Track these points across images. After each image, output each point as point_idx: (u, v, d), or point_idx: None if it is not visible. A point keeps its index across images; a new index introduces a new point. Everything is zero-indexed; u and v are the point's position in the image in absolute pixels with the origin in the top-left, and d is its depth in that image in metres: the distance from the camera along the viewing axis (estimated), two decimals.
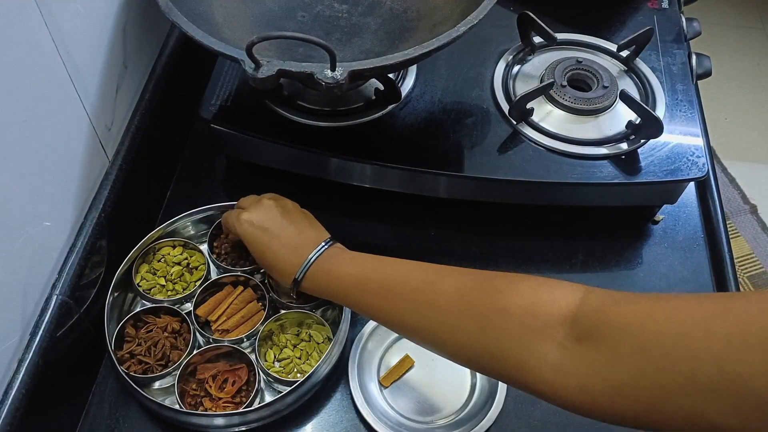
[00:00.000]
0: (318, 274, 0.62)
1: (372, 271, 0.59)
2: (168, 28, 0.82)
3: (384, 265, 0.60)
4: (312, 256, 0.63)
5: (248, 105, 0.78)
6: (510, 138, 0.77)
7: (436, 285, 0.54)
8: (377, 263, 0.60)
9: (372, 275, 0.59)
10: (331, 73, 0.58)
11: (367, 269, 0.60)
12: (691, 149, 0.76)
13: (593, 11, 0.91)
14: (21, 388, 0.57)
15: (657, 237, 0.82)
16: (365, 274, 0.60)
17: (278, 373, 0.67)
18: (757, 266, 1.77)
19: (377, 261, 0.61)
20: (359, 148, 0.75)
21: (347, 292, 0.60)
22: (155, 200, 0.83)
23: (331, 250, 0.64)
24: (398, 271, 0.58)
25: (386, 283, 0.57)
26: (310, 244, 0.64)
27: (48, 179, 0.61)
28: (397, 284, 0.57)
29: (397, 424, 0.66)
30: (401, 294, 0.56)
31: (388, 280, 0.58)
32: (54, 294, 0.62)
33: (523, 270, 0.79)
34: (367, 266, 0.60)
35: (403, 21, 0.77)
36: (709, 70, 0.86)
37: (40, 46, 0.57)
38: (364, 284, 0.59)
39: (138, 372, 0.67)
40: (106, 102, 0.69)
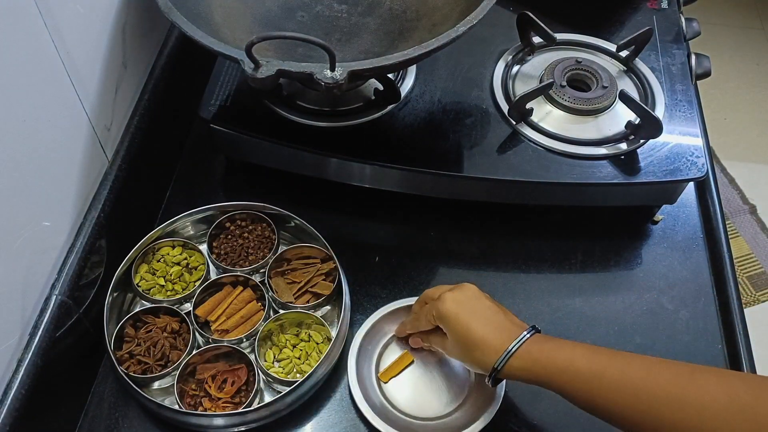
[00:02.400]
0: (532, 356, 0.57)
1: (607, 363, 0.54)
2: (167, 28, 0.82)
3: (615, 356, 0.55)
4: (524, 335, 0.58)
5: (248, 105, 0.78)
6: (509, 138, 0.77)
7: (692, 383, 0.50)
8: (607, 353, 0.55)
9: (608, 369, 0.54)
10: (330, 74, 0.58)
11: (601, 361, 0.55)
12: (691, 149, 0.76)
13: (593, 11, 0.91)
14: (20, 388, 0.57)
15: (656, 237, 0.82)
16: (597, 366, 0.54)
17: (278, 373, 0.67)
18: (756, 266, 1.77)
19: (606, 351, 0.56)
20: (359, 148, 0.75)
21: (574, 384, 0.55)
22: (154, 200, 0.83)
23: (544, 335, 0.60)
24: (639, 364, 0.53)
25: (628, 376, 0.53)
26: (519, 325, 0.60)
27: (47, 179, 0.60)
28: (643, 380, 0.52)
29: (396, 421, 0.66)
30: (651, 390, 0.51)
31: (630, 370, 0.53)
32: (53, 294, 0.62)
33: (523, 270, 0.79)
34: (596, 358, 0.55)
35: (402, 21, 0.77)
36: (709, 70, 0.86)
37: (40, 46, 0.57)
38: (596, 377, 0.54)
39: (137, 372, 0.67)
40: (106, 102, 0.69)
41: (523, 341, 0.57)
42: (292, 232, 0.78)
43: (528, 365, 0.57)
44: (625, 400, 0.52)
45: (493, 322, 0.60)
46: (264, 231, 0.76)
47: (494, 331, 0.59)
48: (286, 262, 0.75)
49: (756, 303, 1.71)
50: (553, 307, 0.76)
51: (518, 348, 0.57)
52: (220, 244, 0.76)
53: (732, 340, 0.74)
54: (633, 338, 0.74)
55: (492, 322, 0.60)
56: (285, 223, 0.77)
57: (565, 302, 0.77)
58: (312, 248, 0.74)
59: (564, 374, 0.55)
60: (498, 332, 0.59)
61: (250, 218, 0.77)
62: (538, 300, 0.77)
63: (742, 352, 0.72)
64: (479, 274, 0.79)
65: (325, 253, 0.73)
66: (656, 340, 0.74)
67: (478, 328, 0.59)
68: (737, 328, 0.74)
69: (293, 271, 0.74)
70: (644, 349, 0.73)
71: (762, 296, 1.72)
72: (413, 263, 0.79)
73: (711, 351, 0.73)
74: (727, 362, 0.72)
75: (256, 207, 0.76)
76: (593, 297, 0.77)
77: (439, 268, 0.79)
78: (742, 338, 0.73)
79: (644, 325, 0.75)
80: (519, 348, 0.57)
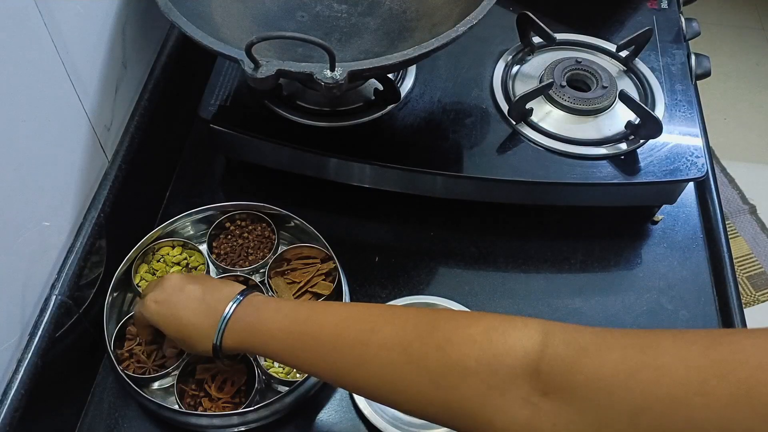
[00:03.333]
0: (240, 332, 0.56)
1: (303, 323, 0.53)
2: (167, 28, 0.82)
3: (314, 313, 0.54)
4: (227, 313, 0.56)
5: (247, 105, 0.78)
6: (509, 138, 0.77)
7: (374, 338, 0.48)
8: (307, 312, 0.54)
9: (304, 328, 0.53)
10: (330, 74, 0.58)
11: (298, 321, 0.53)
12: (690, 149, 0.76)
13: (592, 11, 0.91)
14: (20, 388, 0.57)
15: (656, 237, 0.82)
16: (296, 326, 0.53)
17: (277, 373, 0.67)
18: (756, 266, 1.77)
19: (307, 309, 0.55)
20: (358, 148, 0.75)
21: (278, 348, 0.54)
22: (154, 200, 0.83)
23: (251, 300, 0.57)
24: (331, 321, 0.52)
25: (321, 337, 0.51)
26: (223, 300, 0.57)
27: (47, 179, 0.60)
28: (333, 338, 0.50)
29: (394, 418, 0.66)
30: (340, 349, 0.50)
31: (322, 332, 0.51)
32: (53, 294, 0.62)
33: (523, 270, 0.79)
34: (297, 317, 0.54)
35: (402, 21, 0.77)
36: (708, 70, 0.86)
37: (40, 46, 0.57)
38: (296, 339, 0.53)
39: (137, 372, 0.67)
40: (106, 102, 0.69)
41: (226, 320, 0.56)
42: (291, 232, 0.78)
43: (243, 338, 0.56)
44: (327, 360, 0.51)
45: (200, 308, 0.58)
46: (264, 231, 0.76)
47: (202, 316, 0.57)
48: (286, 262, 0.75)
49: (756, 303, 1.71)
50: (553, 307, 0.76)
51: (225, 327, 0.56)
52: (220, 244, 0.76)
53: None
54: None
55: (198, 309, 0.58)
56: (285, 223, 0.77)
57: (565, 302, 0.77)
58: (312, 248, 0.74)
59: (273, 340, 0.54)
60: (205, 316, 0.57)
61: (250, 218, 0.77)
62: (538, 300, 0.77)
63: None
64: (479, 274, 0.79)
65: (325, 253, 0.73)
66: None
67: (187, 319, 0.58)
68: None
69: (293, 271, 0.74)
70: None
71: (762, 296, 1.72)
72: (413, 263, 0.79)
73: None
74: None
75: (256, 207, 0.76)
76: (593, 297, 0.77)
77: (439, 268, 0.79)
78: None
79: (644, 325, 0.75)
80: (227, 326, 0.56)
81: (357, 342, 0.49)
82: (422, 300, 0.73)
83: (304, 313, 0.54)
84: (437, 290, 0.76)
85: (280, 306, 0.56)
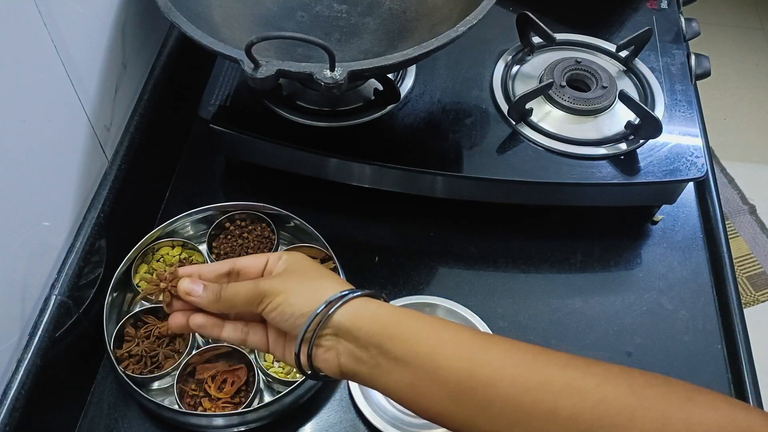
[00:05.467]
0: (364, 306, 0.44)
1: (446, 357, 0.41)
2: (167, 28, 0.82)
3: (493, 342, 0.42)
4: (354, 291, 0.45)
5: (247, 105, 0.78)
6: (509, 138, 0.77)
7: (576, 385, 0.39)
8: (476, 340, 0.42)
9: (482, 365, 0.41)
10: (330, 74, 0.58)
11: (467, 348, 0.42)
12: (690, 149, 0.76)
13: (592, 11, 0.91)
14: (20, 388, 0.57)
15: (656, 237, 0.82)
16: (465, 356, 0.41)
17: (277, 373, 0.67)
18: (756, 266, 1.77)
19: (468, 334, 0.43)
20: (358, 148, 0.75)
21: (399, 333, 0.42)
22: (154, 200, 0.83)
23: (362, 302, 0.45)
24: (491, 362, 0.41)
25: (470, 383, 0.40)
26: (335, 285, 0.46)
27: (47, 179, 0.60)
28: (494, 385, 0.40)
29: (394, 418, 0.66)
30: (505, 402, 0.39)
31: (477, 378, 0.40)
32: (53, 294, 0.62)
33: (523, 270, 0.79)
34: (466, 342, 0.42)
35: (402, 21, 0.77)
36: (708, 70, 0.86)
37: (39, 46, 0.57)
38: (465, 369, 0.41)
39: (137, 372, 0.67)
40: (105, 102, 0.69)
41: (373, 292, 0.46)
42: (291, 232, 0.78)
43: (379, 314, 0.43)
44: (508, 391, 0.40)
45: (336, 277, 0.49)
46: (264, 231, 0.76)
47: (343, 281, 0.48)
48: None
49: (756, 303, 1.71)
50: (552, 307, 0.76)
51: (369, 293, 0.45)
52: (220, 244, 0.76)
53: (731, 340, 0.74)
54: (633, 338, 0.74)
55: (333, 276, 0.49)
56: (285, 223, 0.77)
57: (564, 302, 0.77)
58: (312, 248, 0.74)
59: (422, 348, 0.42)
60: (346, 283, 0.47)
61: (250, 218, 0.77)
62: (538, 300, 0.77)
63: (742, 352, 0.72)
64: (479, 274, 0.79)
65: (325, 253, 0.73)
66: (656, 340, 0.74)
67: (328, 271, 0.49)
68: (737, 328, 0.74)
69: None
70: (644, 348, 0.73)
71: (761, 296, 1.72)
72: (413, 263, 0.79)
73: (710, 351, 0.73)
74: (727, 362, 0.73)
75: (256, 207, 0.76)
76: (593, 297, 0.77)
77: (439, 268, 0.79)
78: (742, 338, 0.73)
79: (644, 325, 0.75)
80: (369, 293, 0.45)
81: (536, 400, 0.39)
82: (422, 300, 0.73)
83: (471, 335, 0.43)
84: (437, 290, 0.76)
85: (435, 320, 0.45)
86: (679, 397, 0.38)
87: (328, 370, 0.44)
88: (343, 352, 0.43)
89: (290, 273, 0.47)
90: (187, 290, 0.46)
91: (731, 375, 0.72)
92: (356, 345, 0.43)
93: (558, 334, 0.74)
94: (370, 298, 0.45)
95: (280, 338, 0.48)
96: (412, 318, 0.43)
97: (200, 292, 0.46)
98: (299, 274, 0.47)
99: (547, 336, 0.74)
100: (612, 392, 0.39)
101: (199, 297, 0.46)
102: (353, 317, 0.43)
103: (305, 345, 0.43)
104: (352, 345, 0.43)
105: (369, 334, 0.42)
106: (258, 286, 0.45)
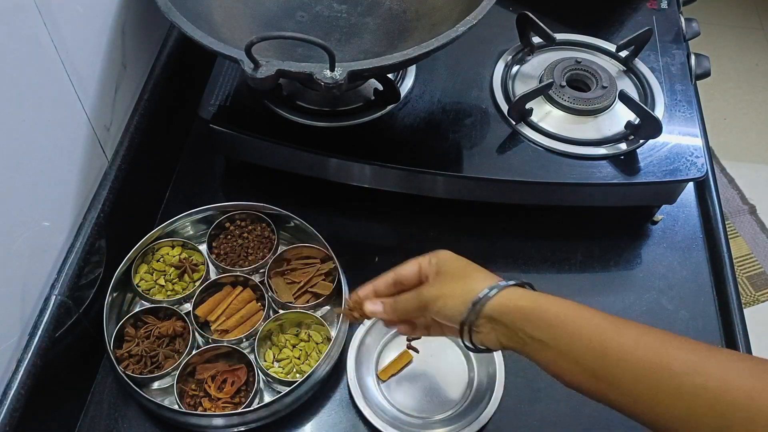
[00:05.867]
0: (517, 298, 0.51)
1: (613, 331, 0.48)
2: (167, 28, 0.82)
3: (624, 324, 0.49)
4: (510, 282, 0.53)
5: (247, 105, 0.78)
6: (509, 138, 0.77)
7: (717, 358, 0.44)
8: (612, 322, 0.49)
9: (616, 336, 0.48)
10: (330, 74, 0.58)
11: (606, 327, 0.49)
12: (690, 149, 0.76)
13: (592, 11, 0.91)
14: (20, 388, 0.57)
15: (656, 237, 0.82)
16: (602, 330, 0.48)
17: (277, 373, 0.67)
18: (756, 266, 1.77)
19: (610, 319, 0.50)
20: (358, 148, 0.75)
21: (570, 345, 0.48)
22: (154, 200, 0.83)
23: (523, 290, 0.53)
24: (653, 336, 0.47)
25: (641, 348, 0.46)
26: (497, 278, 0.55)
27: (47, 179, 0.60)
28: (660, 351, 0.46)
29: (394, 418, 0.66)
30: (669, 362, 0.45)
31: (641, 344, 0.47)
32: (53, 294, 0.62)
33: (523, 270, 0.79)
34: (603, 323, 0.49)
35: (402, 21, 0.77)
36: (708, 70, 0.86)
37: (40, 46, 0.57)
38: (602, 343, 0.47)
39: (137, 372, 0.67)
40: (105, 102, 0.69)
41: (518, 282, 0.53)
42: (291, 232, 0.78)
43: (529, 297, 0.51)
44: (637, 371, 0.45)
45: (481, 269, 0.56)
46: (263, 231, 0.76)
47: (489, 273, 0.56)
48: (286, 262, 0.75)
49: (756, 303, 1.71)
50: None
51: (513, 284, 0.53)
52: (220, 244, 0.76)
53: (731, 340, 0.74)
54: None
55: (479, 269, 0.56)
56: (284, 223, 0.77)
57: None
58: (311, 248, 0.74)
59: (566, 322, 0.49)
60: (492, 277, 0.55)
61: (250, 218, 0.77)
62: None
63: (742, 352, 0.72)
64: None
65: (325, 253, 0.73)
66: None
67: (478, 267, 0.56)
68: (737, 328, 0.74)
69: (293, 271, 0.74)
70: None
71: (761, 296, 1.72)
72: None
73: None
74: None
75: (256, 207, 0.76)
76: (593, 297, 0.77)
77: None
78: (742, 338, 0.73)
79: None
80: (513, 285, 0.53)
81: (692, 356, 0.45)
82: None
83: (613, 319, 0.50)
84: None
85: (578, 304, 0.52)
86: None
87: (490, 346, 0.54)
88: (499, 333, 0.52)
89: (442, 276, 0.55)
90: (372, 311, 0.58)
91: None
92: (507, 329, 0.51)
93: None
94: (514, 288, 0.52)
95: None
96: (551, 303, 0.51)
97: (381, 310, 0.57)
98: (449, 276, 0.55)
99: None
100: (733, 375, 0.43)
101: (380, 314, 0.58)
102: (500, 309, 0.51)
103: (466, 335, 0.53)
104: (504, 329, 0.51)
105: (514, 321, 0.50)
106: (420, 297, 0.55)
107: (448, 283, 0.55)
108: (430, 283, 0.56)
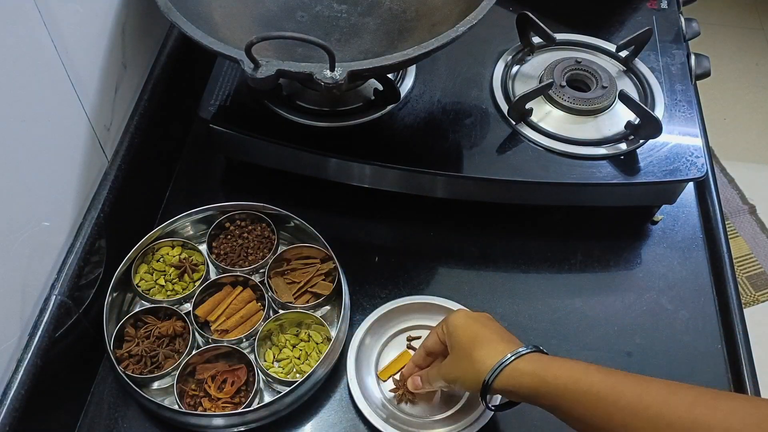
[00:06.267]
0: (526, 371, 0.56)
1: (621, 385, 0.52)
2: (167, 28, 0.82)
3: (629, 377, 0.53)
4: (525, 349, 0.57)
5: (247, 105, 0.78)
6: (509, 138, 0.77)
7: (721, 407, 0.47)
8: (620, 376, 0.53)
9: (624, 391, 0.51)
10: (330, 74, 0.58)
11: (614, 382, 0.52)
12: (690, 149, 0.76)
13: (592, 12, 0.91)
14: (20, 388, 0.57)
15: (656, 237, 0.82)
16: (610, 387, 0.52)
17: (277, 373, 0.67)
18: (756, 266, 1.77)
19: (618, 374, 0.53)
20: (358, 148, 0.75)
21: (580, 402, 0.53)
22: (154, 200, 0.83)
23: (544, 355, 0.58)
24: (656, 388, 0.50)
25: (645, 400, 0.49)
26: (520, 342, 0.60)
27: (46, 179, 0.60)
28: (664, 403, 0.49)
29: (393, 418, 0.66)
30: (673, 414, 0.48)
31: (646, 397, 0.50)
32: (53, 294, 0.62)
33: (523, 270, 0.79)
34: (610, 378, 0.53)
35: (402, 21, 0.77)
36: (708, 70, 0.86)
37: (39, 46, 0.57)
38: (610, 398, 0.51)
39: (137, 372, 0.67)
40: (105, 102, 0.69)
41: (530, 350, 0.58)
42: (291, 232, 0.78)
43: (532, 371, 0.56)
44: (642, 424, 0.49)
45: (502, 333, 0.61)
46: (263, 231, 0.76)
47: (501, 339, 0.60)
48: (286, 262, 0.75)
49: (755, 303, 1.71)
50: (552, 307, 0.76)
51: (526, 353, 0.57)
52: (220, 244, 0.76)
53: (731, 340, 0.74)
54: (633, 338, 0.74)
55: (501, 333, 0.61)
56: (284, 223, 0.77)
57: (564, 302, 0.77)
58: (311, 248, 0.74)
59: (570, 392, 0.53)
60: (505, 342, 0.59)
61: (250, 218, 0.77)
62: (538, 300, 0.77)
63: (742, 352, 0.72)
64: (479, 274, 0.79)
65: (325, 253, 0.73)
66: (656, 341, 0.74)
67: (486, 333, 0.60)
68: (737, 328, 0.74)
69: (293, 271, 0.74)
70: (644, 349, 0.73)
71: (761, 296, 1.72)
72: (413, 263, 0.79)
73: (710, 351, 0.73)
74: (727, 362, 0.73)
75: (256, 207, 0.76)
76: (593, 297, 0.77)
77: (439, 268, 0.79)
78: (742, 338, 0.73)
79: (644, 326, 0.75)
80: (526, 353, 0.57)
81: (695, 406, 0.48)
82: (422, 300, 0.73)
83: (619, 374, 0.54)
84: (437, 290, 0.76)
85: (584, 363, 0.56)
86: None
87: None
88: (514, 397, 0.58)
89: (454, 352, 0.61)
90: (416, 386, 0.66)
91: (731, 375, 0.72)
92: (518, 396, 0.58)
93: (558, 335, 0.74)
94: (519, 360, 0.57)
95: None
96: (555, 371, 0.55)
97: (420, 384, 0.66)
98: (459, 350, 0.61)
99: (547, 336, 0.74)
100: (737, 426, 0.45)
101: (421, 389, 0.66)
102: (507, 385, 0.57)
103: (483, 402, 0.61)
104: (517, 396, 0.58)
105: (522, 395, 0.57)
106: (441, 375, 0.62)
107: (459, 362, 0.60)
108: (448, 358, 0.62)
